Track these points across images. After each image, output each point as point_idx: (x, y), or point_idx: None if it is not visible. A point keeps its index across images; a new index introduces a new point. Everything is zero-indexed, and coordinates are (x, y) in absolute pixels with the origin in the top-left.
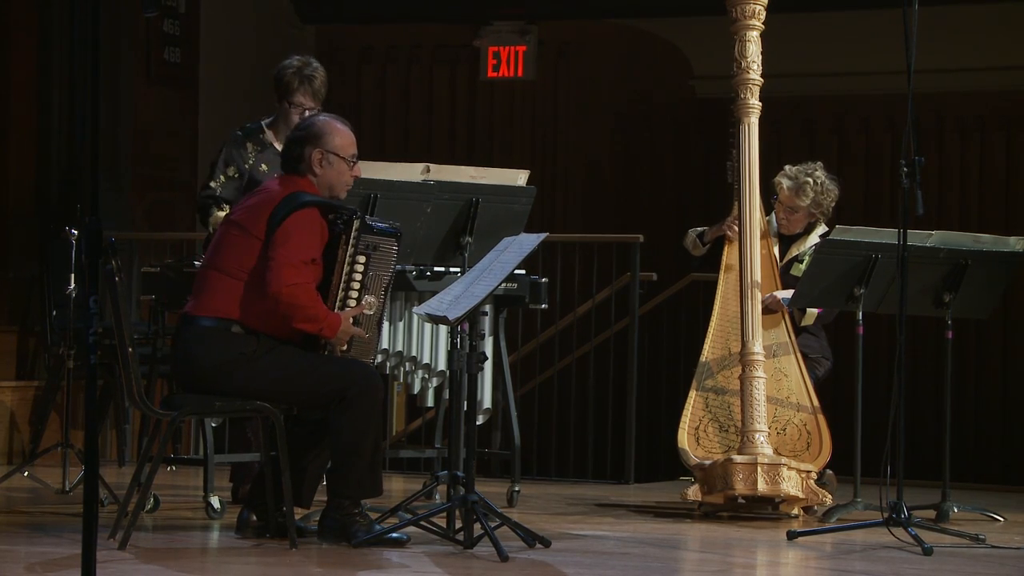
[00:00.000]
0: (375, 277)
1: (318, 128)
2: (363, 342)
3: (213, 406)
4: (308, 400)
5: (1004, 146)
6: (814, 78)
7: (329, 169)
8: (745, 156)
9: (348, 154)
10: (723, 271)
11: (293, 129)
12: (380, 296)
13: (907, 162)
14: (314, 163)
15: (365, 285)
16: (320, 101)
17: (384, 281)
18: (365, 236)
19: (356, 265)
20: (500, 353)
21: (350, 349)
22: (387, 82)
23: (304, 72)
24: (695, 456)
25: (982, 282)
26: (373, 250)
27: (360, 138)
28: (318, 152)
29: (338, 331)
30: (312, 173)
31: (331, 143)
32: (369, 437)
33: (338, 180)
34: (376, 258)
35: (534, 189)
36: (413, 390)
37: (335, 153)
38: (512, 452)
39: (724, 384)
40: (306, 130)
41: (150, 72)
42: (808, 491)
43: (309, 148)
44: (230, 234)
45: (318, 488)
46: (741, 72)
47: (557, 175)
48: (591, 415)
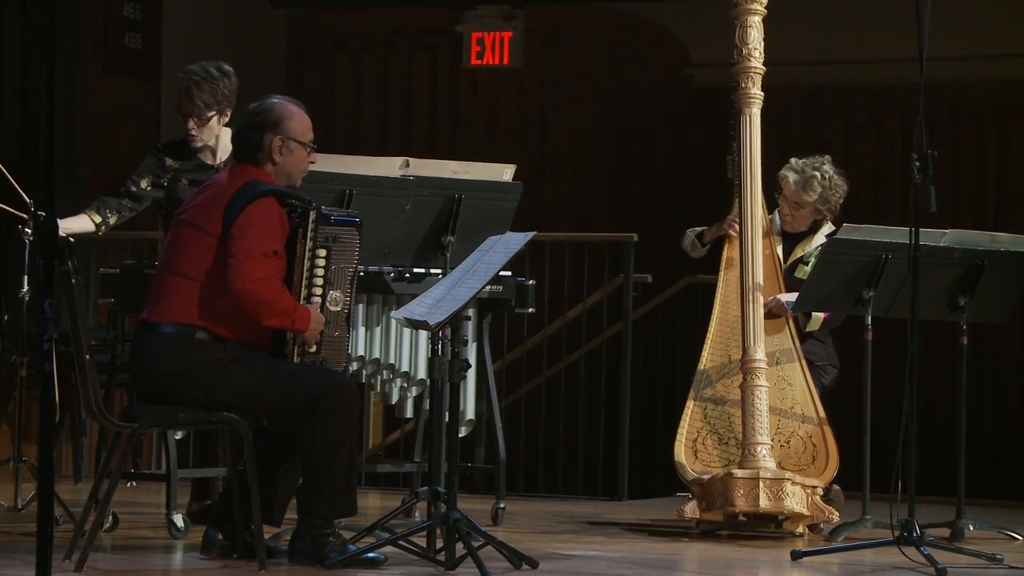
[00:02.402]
0: (338, 271)
1: (277, 113)
2: (333, 341)
3: (176, 417)
4: (278, 411)
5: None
6: (820, 66)
7: (289, 156)
8: (746, 149)
9: (307, 139)
10: (723, 271)
11: (246, 114)
12: (346, 290)
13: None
14: (274, 151)
15: (328, 280)
16: (204, 114)
17: (348, 274)
18: (323, 228)
19: (317, 259)
20: (484, 360)
21: (320, 351)
22: (363, 71)
23: (184, 82)
24: (693, 470)
25: (999, 284)
26: (333, 242)
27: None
28: (279, 139)
29: (311, 323)
30: (271, 162)
31: (291, 128)
32: (344, 451)
33: (297, 168)
34: (337, 250)
35: (520, 185)
36: (391, 400)
37: (295, 139)
38: (497, 466)
39: (724, 393)
40: (264, 115)
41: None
42: (814, 508)
43: (269, 135)
44: (183, 234)
45: (289, 505)
46: (742, 60)
47: (545, 170)
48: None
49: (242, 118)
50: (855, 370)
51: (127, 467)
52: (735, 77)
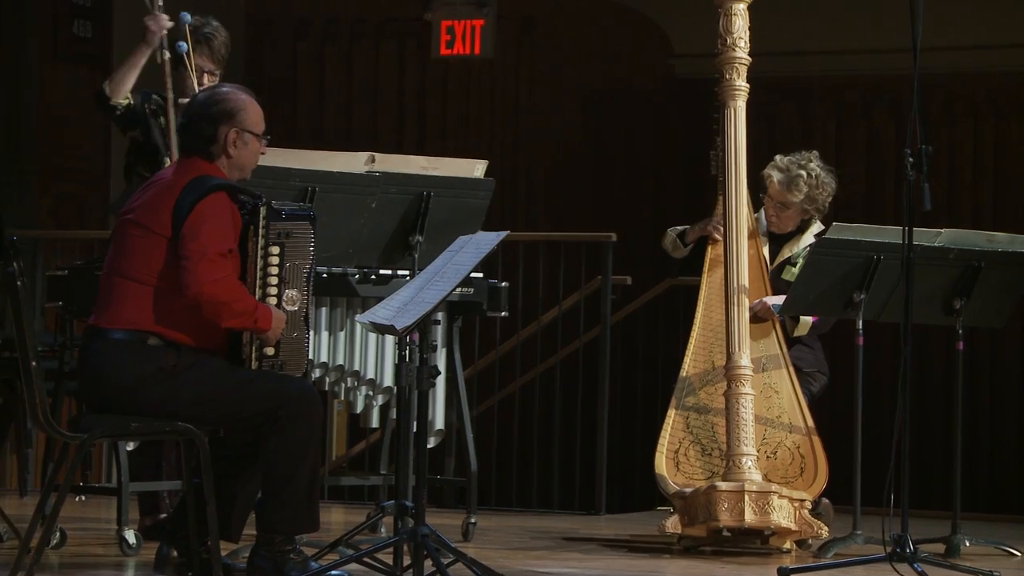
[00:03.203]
0: (293, 268)
1: (232, 103)
2: (292, 342)
3: (128, 427)
4: (237, 420)
5: (1021, 133)
6: (808, 56)
7: (244, 149)
8: (731, 144)
9: (261, 130)
10: (706, 273)
11: (197, 104)
12: (303, 289)
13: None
14: (229, 143)
15: (283, 278)
16: (221, 65)
17: (304, 271)
18: (275, 224)
19: (270, 257)
20: (454, 367)
21: (279, 353)
22: (326, 60)
23: (203, 31)
24: (674, 483)
25: (997, 286)
26: (286, 238)
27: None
28: (234, 131)
29: (272, 321)
30: (226, 154)
31: (247, 120)
32: (305, 463)
33: (251, 160)
34: (291, 246)
35: (493, 181)
36: (356, 409)
37: (250, 131)
38: (468, 479)
39: (707, 402)
40: (218, 106)
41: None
42: (802, 522)
43: (224, 127)
44: (130, 234)
45: (247, 520)
46: (726, 50)
47: (519, 166)
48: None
49: (192, 109)
50: (845, 377)
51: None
52: (719, 68)
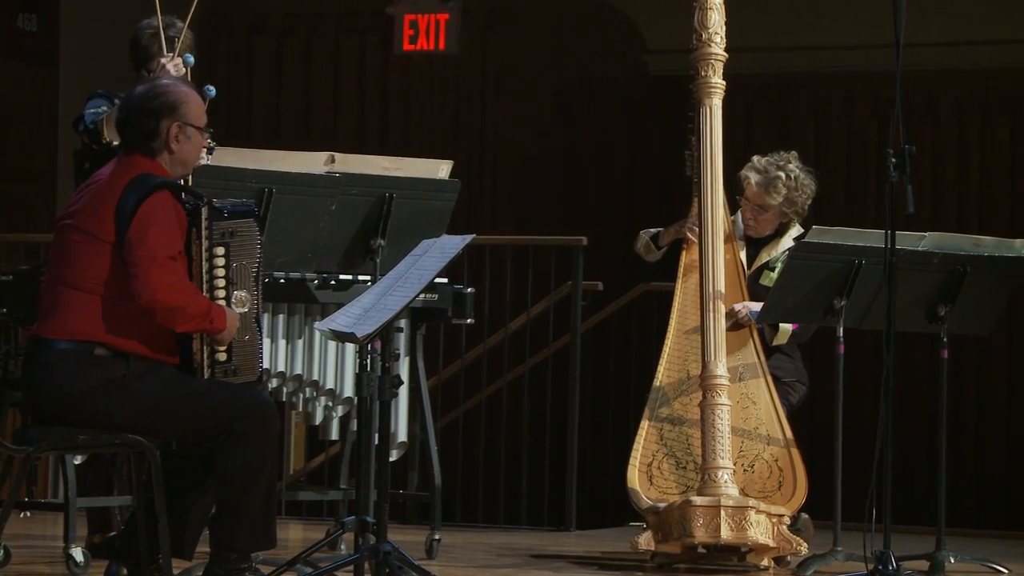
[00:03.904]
0: (240, 268)
1: (173, 96)
2: (244, 345)
3: (76, 440)
4: (189, 433)
5: (1009, 133)
6: (786, 52)
7: (187, 143)
8: (706, 144)
9: (203, 123)
10: (681, 278)
11: (135, 99)
12: (251, 289)
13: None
14: (171, 138)
15: (231, 280)
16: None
17: (252, 271)
18: (218, 223)
19: (215, 259)
20: (418, 376)
21: (231, 358)
22: (284, 56)
23: (168, 34)
24: (647, 498)
25: (983, 292)
26: (230, 237)
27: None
28: (176, 125)
29: (227, 320)
30: (168, 150)
31: (189, 113)
32: (262, 477)
33: (193, 155)
34: (236, 246)
35: (458, 183)
36: (314, 421)
37: (192, 124)
38: (432, 494)
39: (682, 413)
40: (159, 99)
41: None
42: (780, 539)
43: (166, 121)
44: (72, 241)
45: (201, 537)
46: (702, 45)
47: (486, 166)
48: (525, 449)
49: (131, 103)
50: (825, 387)
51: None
52: (694, 64)
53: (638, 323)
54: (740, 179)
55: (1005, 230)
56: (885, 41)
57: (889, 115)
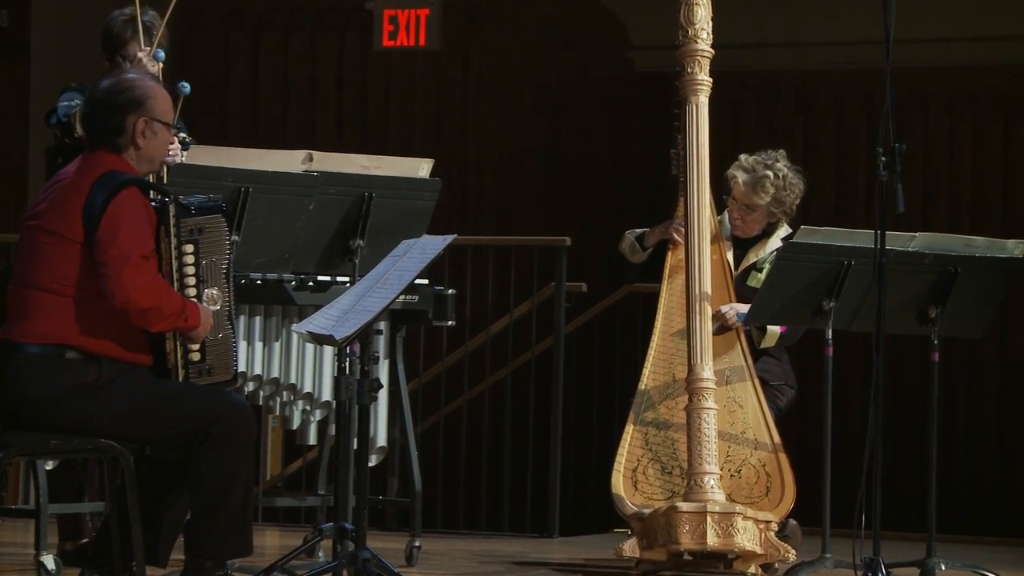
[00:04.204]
0: (210, 265)
1: (139, 91)
2: (218, 344)
3: (47, 445)
4: (164, 437)
5: (1002, 131)
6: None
7: (153, 139)
8: (692, 142)
9: (171, 119)
10: (667, 279)
11: (100, 93)
12: (223, 286)
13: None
14: (137, 134)
15: (201, 278)
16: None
17: (222, 268)
18: (185, 220)
19: (185, 257)
20: (397, 380)
21: (205, 357)
22: (261, 52)
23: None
24: (632, 504)
25: (975, 294)
26: (199, 234)
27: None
28: (143, 120)
29: (201, 316)
30: (134, 146)
31: (155, 108)
32: (238, 483)
33: (160, 151)
34: (205, 242)
35: (439, 182)
36: (292, 425)
37: (159, 120)
38: (412, 500)
39: (667, 417)
40: (124, 94)
41: None
42: (767, 545)
43: (132, 116)
44: (40, 242)
45: (176, 544)
46: (688, 41)
47: (468, 165)
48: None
49: (96, 97)
50: (814, 390)
51: None
52: (680, 61)
53: (623, 325)
54: (727, 178)
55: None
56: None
57: (879, 113)
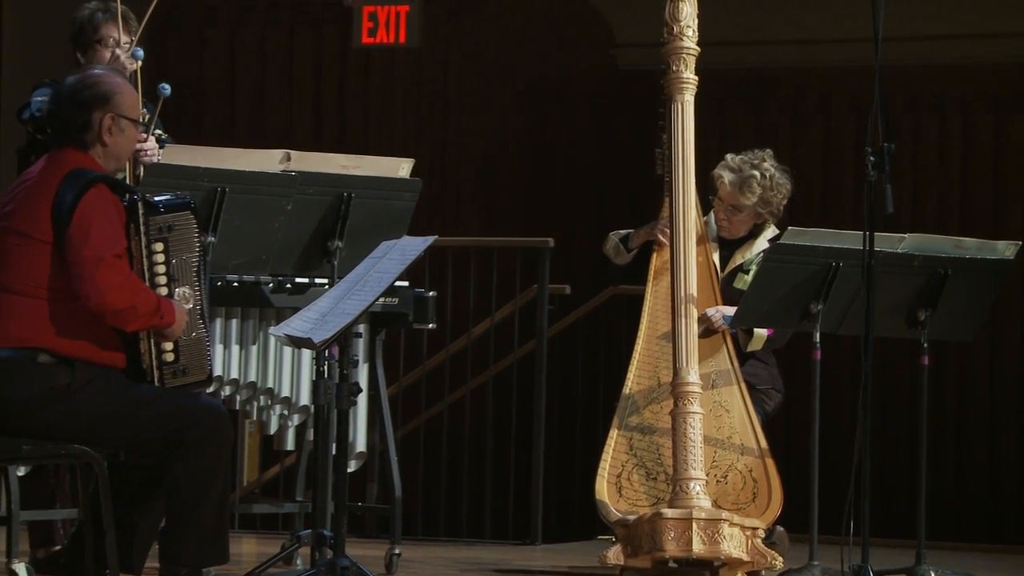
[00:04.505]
0: (181, 264)
1: (105, 87)
2: (191, 343)
3: (19, 450)
4: (138, 442)
5: (992, 131)
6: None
7: (120, 136)
8: (678, 142)
9: (137, 116)
10: (651, 281)
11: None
12: (194, 284)
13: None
14: (104, 130)
15: (172, 276)
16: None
17: (193, 265)
18: (154, 218)
19: (155, 256)
20: (377, 384)
21: (179, 358)
22: (237, 49)
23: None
24: (617, 510)
25: (965, 296)
26: (168, 232)
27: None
28: (109, 117)
29: (176, 313)
30: (101, 143)
31: (122, 104)
32: (214, 489)
33: (127, 148)
34: (175, 240)
35: (420, 182)
36: (269, 430)
37: (126, 116)
38: (392, 506)
39: (652, 421)
40: (90, 90)
41: None
42: (754, 552)
43: (98, 113)
44: (8, 244)
45: (150, 551)
46: (673, 39)
47: (448, 164)
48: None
49: (61, 93)
50: (801, 395)
51: None
52: (665, 58)
53: (607, 328)
54: (713, 178)
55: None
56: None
57: (867, 112)
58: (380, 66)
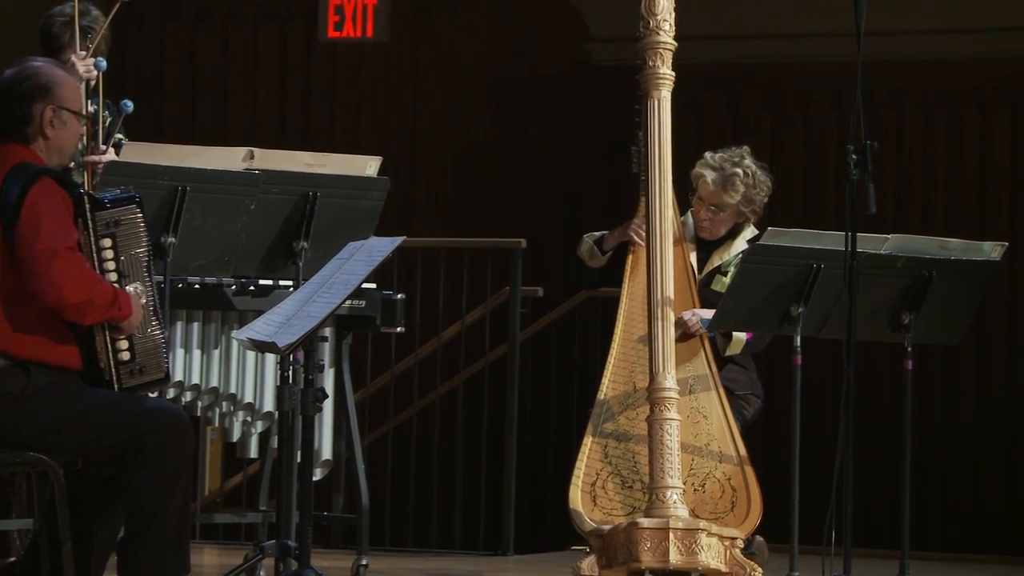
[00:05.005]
0: (130, 260)
1: (46, 78)
2: (146, 340)
3: None
4: (96, 450)
5: (978, 128)
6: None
7: (62, 129)
8: (654, 139)
9: (79, 107)
10: (627, 283)
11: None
12: (144, 280)
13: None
14: (45, 123)
15: (122, 273)
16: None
17: (142, 260)
18: (100, 214)
19: (103, 252)
20: (344, 389)
21: (135, 356)
22: (199, 44)
23: (82, 22)
24: (591, 520)
25: (950, 299)
26: (116, 227)
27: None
28: (50, 109)
29: (132, 303)
30: (43, 136)
31: (64, 96)
32: (174, 498)
33: (70, 142)
34: (123, 235)
35: (387, 181)
36: (232, 437)
37: (68, 108)
38: (359, 516)
39: (628, 428)
40: (30, 82)
41: None
42: (733, 563)
43: (39, 105)
44: None
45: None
46: (649, 33)
47: (417, 163)
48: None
49: (1, 87)
50: (782, 400)
51: None
52: (641, 54)
53: (581, 331)
54: (693, 178)
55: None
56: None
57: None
58: (346, 61)
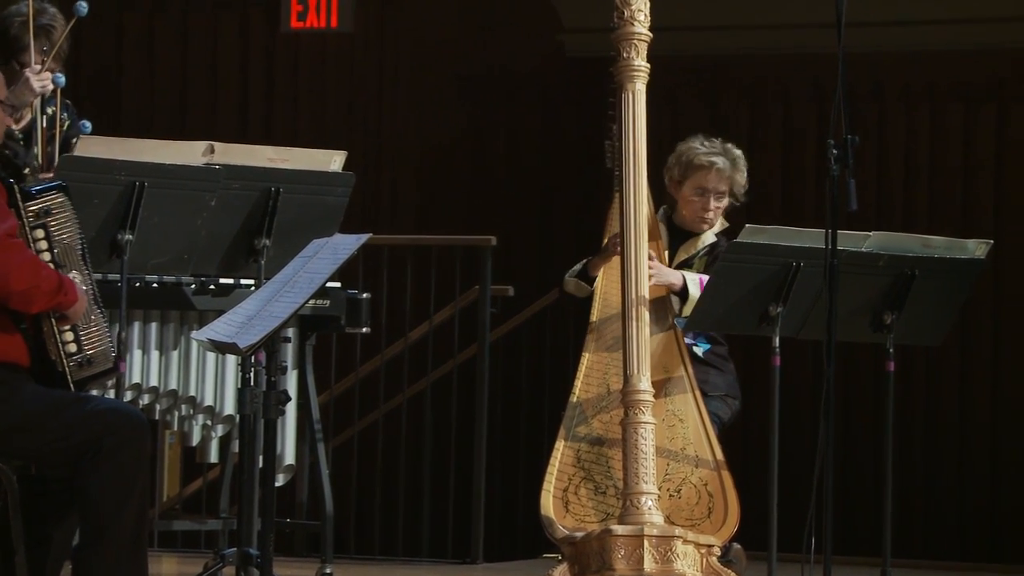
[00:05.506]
0: (64, 249)
1: None
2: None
3: None
4: (50, 452)
5: (961, 122)
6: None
7: None
8: (629, 133)
9: (3, 96)
10: (600, 281)
11: None
12: (81, 268)
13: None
14: None
15: (58, 263)
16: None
17: (76, 248)
18: (30, 205)
19: (37, 243)
20: (307, 392)
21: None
22: (156, 35)
23: (39, 22)
24: (563, 527)
25: (933, 298)
26: (47, 216)
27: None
28: None
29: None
30: None
31: None
32: (130, 503)
33: None
34: (55, 225)
35: (353, 176)
36: (191, 441)
37: None
38: (322, 523)
39: (601, 432)
40: None
41: None
42: (709, 571)
43: None
44: None
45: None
46: (623, 24)
47: (384, 158)
48: (427, 473)
49: None
50: (760, 403)
51: None
52: (615, 45)
53: (553, 332)
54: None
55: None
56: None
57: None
58: (310, 52)
